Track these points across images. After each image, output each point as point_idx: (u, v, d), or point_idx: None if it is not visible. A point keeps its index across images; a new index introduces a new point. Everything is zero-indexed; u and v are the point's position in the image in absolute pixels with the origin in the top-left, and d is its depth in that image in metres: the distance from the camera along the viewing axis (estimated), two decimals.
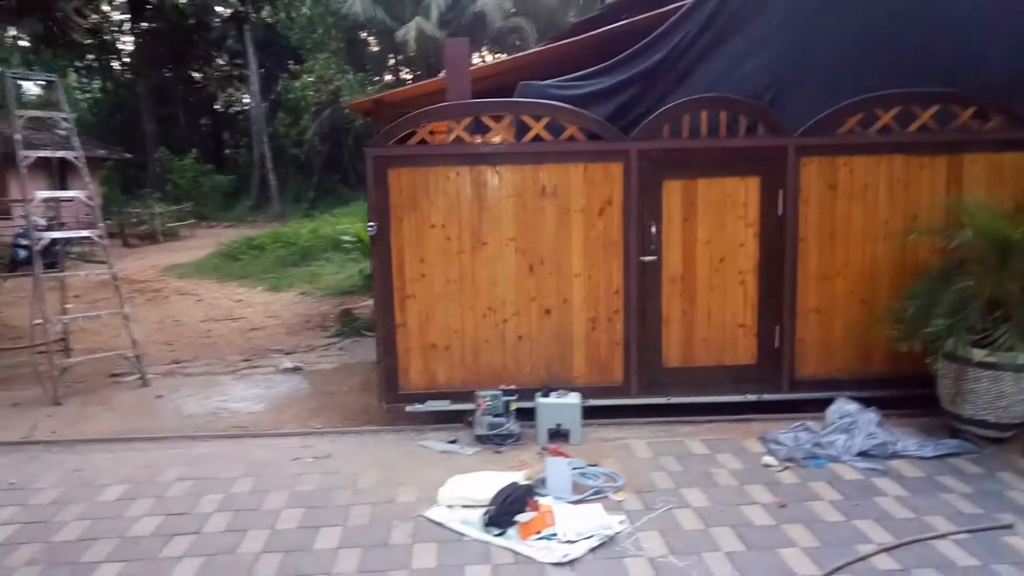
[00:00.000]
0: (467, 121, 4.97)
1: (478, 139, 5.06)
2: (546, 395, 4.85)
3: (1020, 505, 3.79)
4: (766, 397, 5.14)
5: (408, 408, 5.07)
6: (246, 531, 3.69)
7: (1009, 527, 3.56)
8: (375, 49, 28.35)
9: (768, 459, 4.39)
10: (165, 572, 3.35)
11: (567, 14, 26.38)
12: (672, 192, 5.00)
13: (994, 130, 4.99)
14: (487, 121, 5.00)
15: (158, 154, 27.28)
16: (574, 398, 4.83)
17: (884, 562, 3.30)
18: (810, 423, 4.73)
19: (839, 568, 3.23)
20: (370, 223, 4.96)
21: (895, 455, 4.38)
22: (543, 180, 4.97)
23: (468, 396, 5.01)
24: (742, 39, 5.25)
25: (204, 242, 18.92)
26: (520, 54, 12.40)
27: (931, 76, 5.09)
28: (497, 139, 5.08)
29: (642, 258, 5.02)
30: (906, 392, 5.02)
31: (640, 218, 5.00)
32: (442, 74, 6.50)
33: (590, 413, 4.91)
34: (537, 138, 4.97)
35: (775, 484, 4.10)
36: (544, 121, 4.97)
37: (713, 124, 5.06)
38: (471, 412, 4.96)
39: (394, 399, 5.10)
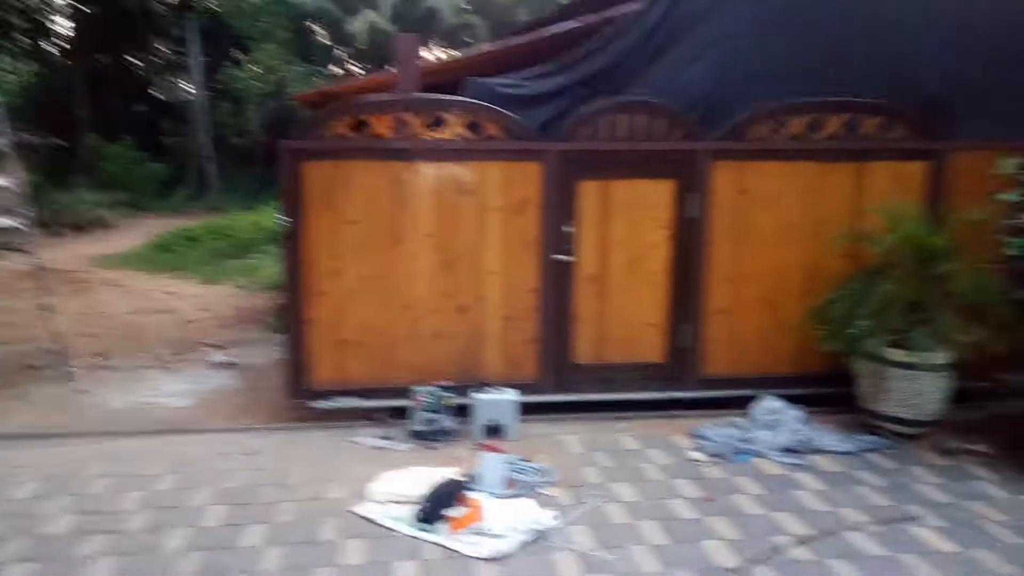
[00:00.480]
0: (389, 117, 4.89)
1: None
2: (482, 391, 4.86)
3: (928, 498, 3.98)
4: (674, 395, 5.22)
5: (316, 405, 4.98)
6: (168, 529, 3.60)
7: (917, 519, 3.73)
8: (324, 41, 27.88)
9: (696, 454, 4.50)
10: (79, 572, 3.24)
11: (519, 13, 26.44)
12: (588, 193, 5.04)
13: (898, 140, 5.18)
14: (407, 118, 4.93)
15: (89, 140, 26.24)
16: (511, 394, 4.85)
17: (801, 553, 3.42)
18: (737, 420, 4.87)
19: (758, 559, 3.33)
20: (282, 217, 4.84)
21: (816, 450, 4.54)
22: (462, 177, 4.95)
23: (380, 393, 4.99)
24: (684, 47, 5.36)
25: (136, 232, 18.27)
26: (471, 52, 12.40)
27: (862, 87, 5.29)
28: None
29: (557, 257, 5.05)
30: (810, 391, 5.17)
31: (557, 218, 5.01)
32: (391, 69, 6.46)
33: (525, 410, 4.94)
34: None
35: (702, 479, 4.20)
36: (463, 119, 4.96)
37: (631, 127, 5.09)
38: (384, 409, 4.96)
39: (302, 395, 5.00)
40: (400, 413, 5.08)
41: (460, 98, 5.05)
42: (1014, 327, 4.52)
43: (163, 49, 29.79)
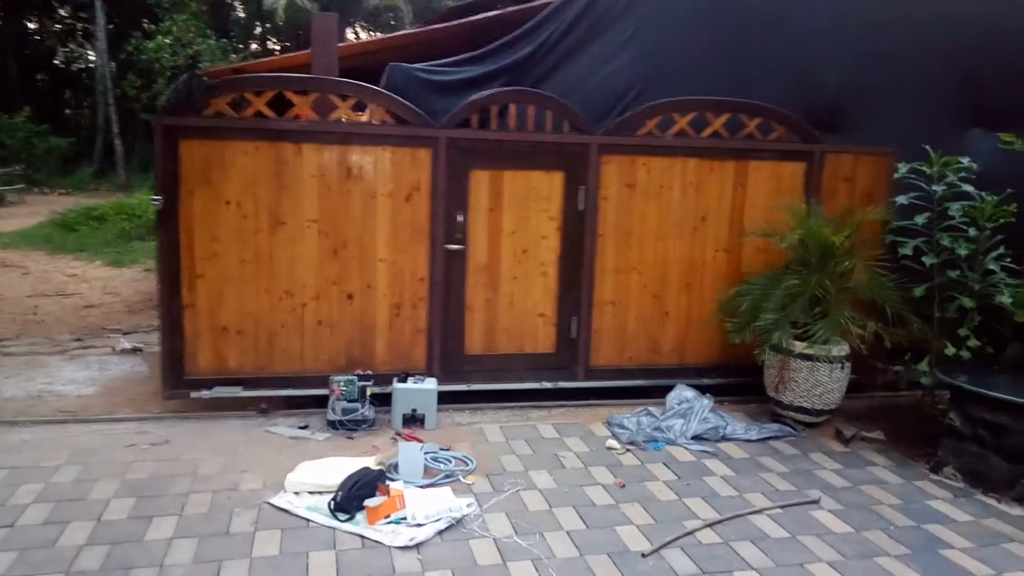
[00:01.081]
0: (269, 95, 4.75)
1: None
2: (403, 380, 4.84)
3: (827, 483, 4.23)
4: (562, 384, 5.31)
5: (194, 395, 4.80)
6: (68, 523, 3.43)
7: (816, 502, 3.96)
8: (241, 15, 26.85)
9: (612, 442, 4.61)
10: None
11: None
12: (480, 182, 5.04)
13: (776, 140, 5.42)
14: (290, 96, 4.80)
15: None
16: (431, 383, 4.85)
17: (708, 536, 3.57)
18: (652, 408, 5.02)
19: (668, 543, 3.46)
20: (155, 197, 4.62)
21: (725, 438, 4.74)
22: (349, 162, 4.83)
23: (262, 382, 4.89)
24: (604, 42, 5.46)
25: (36, 209, 17.18)
26: (392, 35, 12.20)
27: (772, 86, 5.52)
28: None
29: (448, 246, 5.04)
30: (693, 381, 5.37)
31: (447, 206, 4.99)
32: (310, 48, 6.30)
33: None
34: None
35: (617, 466, 4.32)
36: (351, 101, 4.88)
37: (523, 118, 5.13)
38: (267, 399, 4.89)
39: (179, 385, 4.80)
40: (310, 403, 5.01)
41: (348, 80, 4.94)
42: (905, 321, 4.84)
43: (64, 14, 27.94)
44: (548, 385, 5.28)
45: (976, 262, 4.75)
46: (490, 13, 7.00)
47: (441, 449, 4.36)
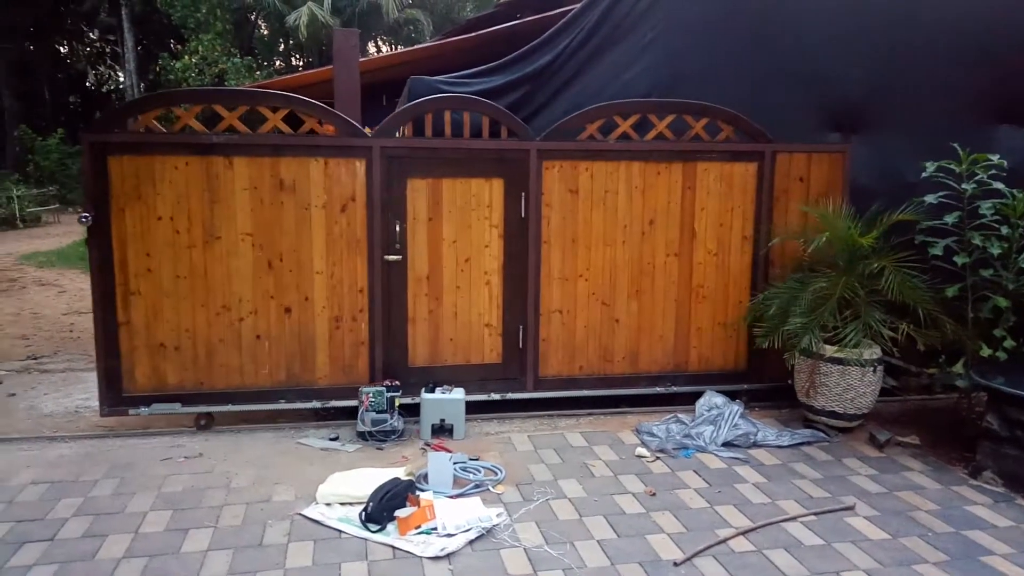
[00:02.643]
0: (197, 109, 4.79)
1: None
2: (431, 390, 4.86)
3: (862, 488, 4.16)
4: (510, 396, 5.23)
5: (132, 412, 4.80)
6: (106, 536, 3.50)
7: (851, 508, 3.90)
8: (265, 33, 27.28)
9: (641, 450, 4.59)
10: None
11: (463, 9, 26.37)
12: (417, 191, 4.99)
13: (725, 141, 5.35)
14: (218, 110, 4.79)
15: (18, 132, 25.10)
16: (459, 393, 4.86)
17: (741, 544, 3.53)
18: (681, 415, 4.99)
19: (700, 551, 3.43)
20: (84, 214, 4.62)
21: (756, 444, 4.69)
22: (282, 174, 4.79)
23: (202, 398, 4.89)
24: (623, 49, 5.47)
25: (70, 229, 17.59)
26: (413, 48, 12.32)
27: (791, 90, 5.49)
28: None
29: (387, 257, 4.98)
30: (645, 390, 5.36)
31: (384, 216, 4.94)
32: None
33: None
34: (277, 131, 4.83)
35: (647, 474, 4.30)
36: (281, 113, 4.83)
37: (460, 125, 5.10)
38: (205, 415, 4.91)
39: (117, 402, 4.79)
40: (339, 414, 5.06)
41: (277, 92, 4.95)
42: (938, 323, 4.76)
43: (94, 38, 28.61)
44: (496, 397, 5.19)
45: (1009, 261, 4.66)
46: (509, 24, 7.06)
47: (470, 459, 4.38)
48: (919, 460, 4.56)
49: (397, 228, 4.97)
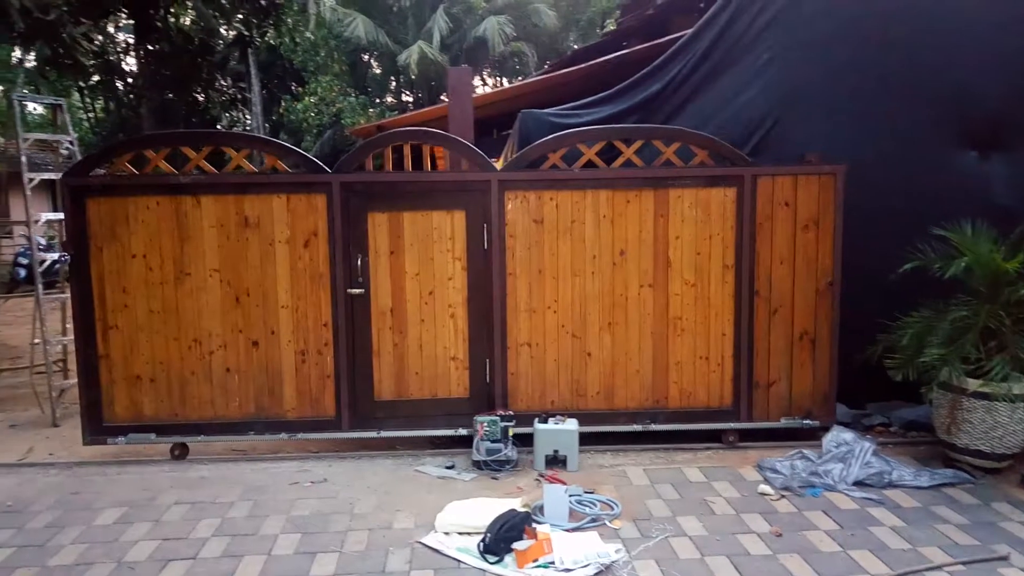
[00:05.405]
0: (165, 152, 4.98)
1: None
2: (544, 420, 4.87)
3: (1016, 536, 3.80)
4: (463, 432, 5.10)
5: (111, 441, 5.02)
6: (242, 556, 3.69)
7: (1005, 558, 3.57)
8: (377, 72, 28.63)
9: (764, 487, 4.40)
10: None
11: (567, 39, 26.68)
12: (378, 225, 5.00)
13: (699, 166, 5.03)
14: (185, 151, 4.94)
15: None
16: (572, 424, 4.84)
17: None
18: (806, 451, 4.75)
19: None
20: (64, 254, 4.86)
21: (891, 484, 4.39)
22: (246, 211, 4.94)
23: (175, 428, 5.06)
24: (737, 72, 5.37)
25: None
26: (522, 82, 12.57)
27: (920, 101, 5.19)
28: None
29: (350, 290, 5.00)
30: (624, 428, 5.11)
31: (346, 251, 4.98)
32: (444, 100, 6.63)
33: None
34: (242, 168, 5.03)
35: (771, 513, 4.11)
36: (245, 152, 5.02)
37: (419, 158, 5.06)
38: (179, 445, 5.07)
39: (98, 431, 5.03)
40: (454, 443, 5.13)
41: (241, 133, 5.11)
42: None
43: (225, 85, 30.98)
44: (464, 432, 5.06)
45: None
46: (617, 53, 7.08)
47: (585, 492, 4.33)
48: None
49: (359, 262, 5.03)
